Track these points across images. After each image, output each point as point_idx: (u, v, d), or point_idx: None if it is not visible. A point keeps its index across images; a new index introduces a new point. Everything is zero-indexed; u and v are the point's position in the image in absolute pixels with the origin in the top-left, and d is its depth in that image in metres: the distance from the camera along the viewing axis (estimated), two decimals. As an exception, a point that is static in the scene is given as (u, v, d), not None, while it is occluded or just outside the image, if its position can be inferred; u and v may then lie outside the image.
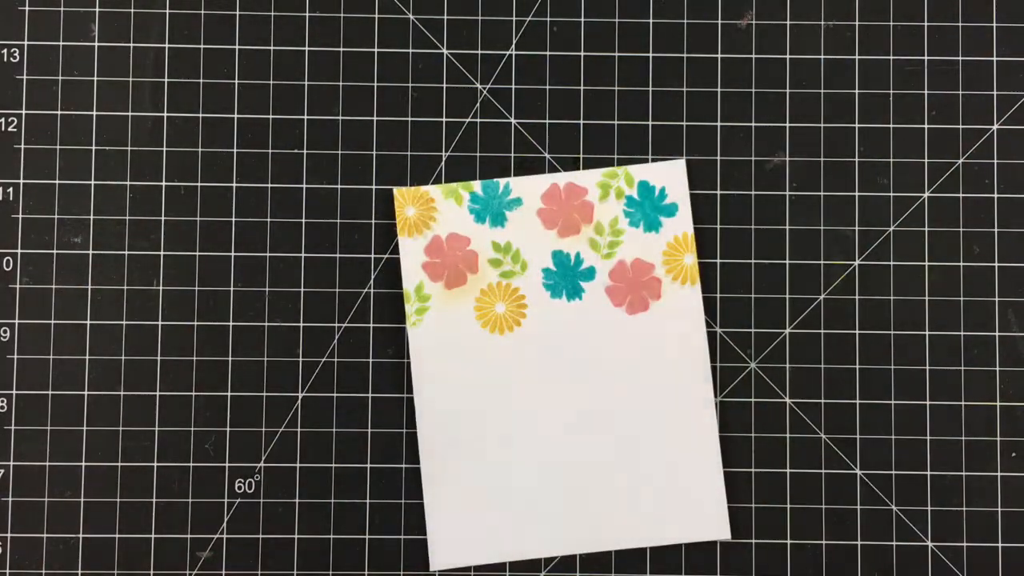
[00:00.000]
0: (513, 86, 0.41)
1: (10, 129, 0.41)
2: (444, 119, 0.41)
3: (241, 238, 0.41)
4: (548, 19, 0.42)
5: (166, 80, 0.41)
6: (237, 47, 0.42)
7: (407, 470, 0.41)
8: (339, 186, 0.41)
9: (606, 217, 0.41)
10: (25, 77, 0.41)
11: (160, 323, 0.41)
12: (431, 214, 0.41)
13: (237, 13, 0.42)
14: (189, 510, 0.40)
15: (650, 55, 0.42)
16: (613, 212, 0.41)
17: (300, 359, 0.41)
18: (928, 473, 0.40)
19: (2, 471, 0.41)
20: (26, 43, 0.42)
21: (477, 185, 0.41)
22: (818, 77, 0.41)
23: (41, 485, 0.41)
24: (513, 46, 0.42)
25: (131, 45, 0.42)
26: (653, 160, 0.41)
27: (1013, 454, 0.40)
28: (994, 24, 0.42)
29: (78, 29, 0.42)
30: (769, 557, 0.40)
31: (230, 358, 0.41)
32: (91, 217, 0.41)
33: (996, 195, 0.41)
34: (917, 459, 0.41)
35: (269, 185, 0.41)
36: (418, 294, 0.41)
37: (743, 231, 0.41)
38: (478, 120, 0.41)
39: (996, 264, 0.41)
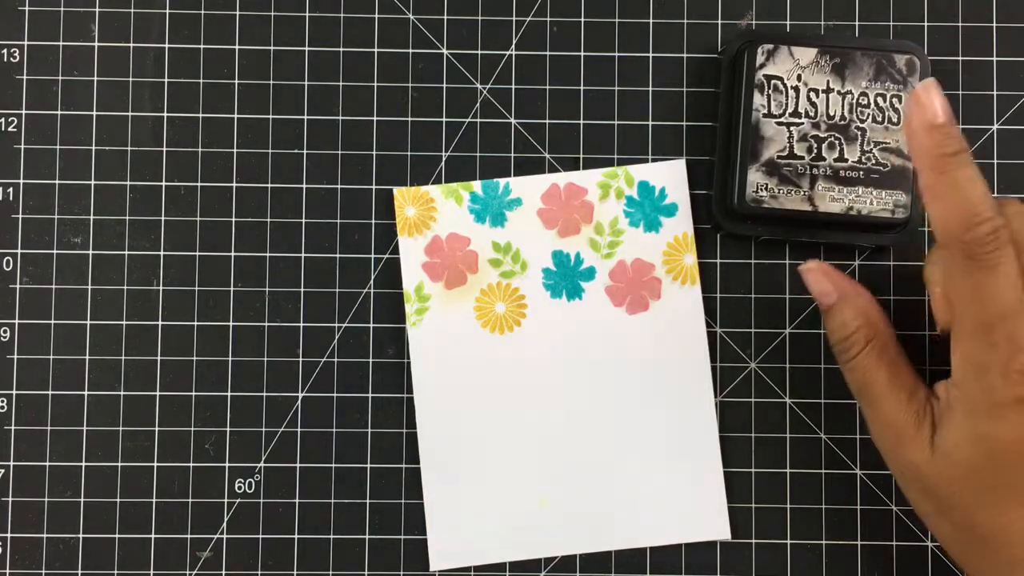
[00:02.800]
0: (513, 86, 0.41)
1: (10, 129, 0.41)
2: (444, 119, 0.41)
3: (241, 238, 0.41)
4: (548, 19, 0.42)
5: (166, 80, 0.41)
6: (237, 47, 0.42)
7: (407, 470, 0.41)
8: (339, 186, 0.41)
9: (606, 217, 0.41)
10: (25, 77, 0.41)
11: (160, 323, 0.41)
12: (431, 214, 0.41)
13: (237, 13, 0.42)
14: (189, 510, 0.40)
15: (650, 55, 0.42)
16: (613, 212, 0.41)
17: (300, 359, 0.41)
18: (928, 473, 0.40)
19: (2, 471, 0.41)
20: (26, 43, 0.42)
21: (477, 185, 0.41)
22: (818, 77, 0.41)
23: (41, 485, 0.41)
24: (513, 46, 0.42)
25: (131, 45, 0.42)
26: (653, 160, 0.41)
27: (1013, 454, 0.40)
28: (994, 24, 0.42)
29: (78, 29, 0.42)
30: (769, 557, 0.40)
31: (230, 358, 0.41)
32: (91, 217, 0.41)
33: (996, 195, 0.41)
34: (917, 459, 0.41)
35: (269, 185, 0.41)
36: (418, 294, 0.41)
37: (743, 231, 0.41)
38: (478, 120, 0.41)
39: (996, 264, 0.41)
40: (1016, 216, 0.34)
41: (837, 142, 0.39)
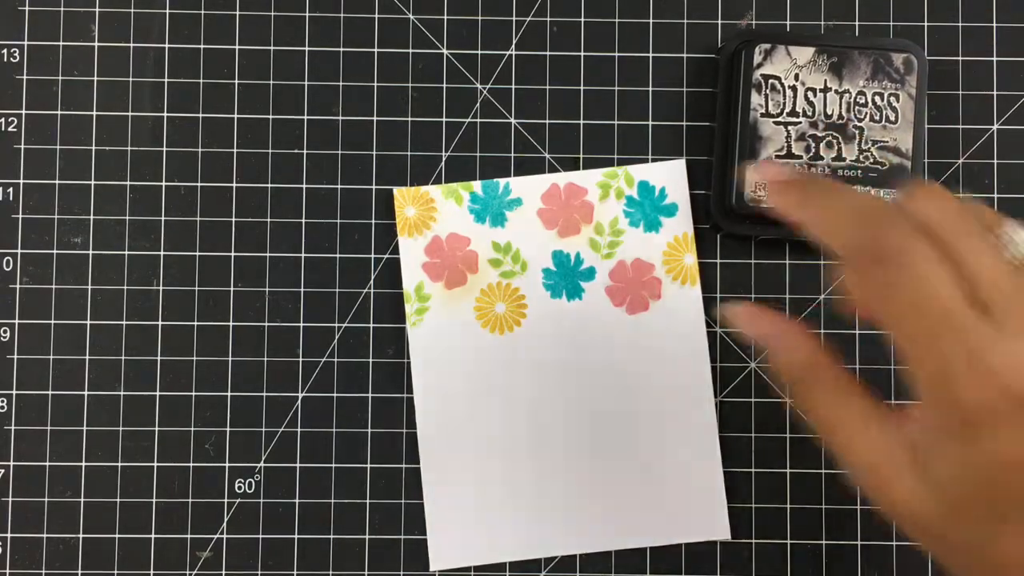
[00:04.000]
0: (513, 86, 0.41)
1: (10, 129, 0.41)
2: (444, 119, 0.41)
3: (241, 238, 0.41)
4: (548, 19, 0.42)
5: (166, 80, 0.41)
6: (237, 47, 0.42)
7: (407, 470, 0.41)
8: (339, 186, 0.41)
9: (606, 217, 0.41)
10: (25, 77, 0.41)
11: (160, 323, 0.41)
12: (431, 214, 0.41)
13: (237, 13, 0.42)
14: (189, 510, 0.40)
15: (650, 55, 0.42)
16: (613, 212, 0.41)
17: (300, 359, 0.41)
18: (928, 473, 0.40)
19: (2, 471, 0.41)
20: (26, 43, 0.42)
21: (477, 185, 0.41)
22: (818, 77, 0.41)
23: (41, 485, 0.41)
24: (513, 46, 0.42)
25: (131, 45, 0.42)
26: (653, 160, 0.41)
27: (1013, 454, 0.40)
28: (994, 24, 0.42)
29: (78, 29, 0.42)
30: (769, 557, 0.40)
31: (230, 358, 0.41)
32: (91, 217, 0.41)
33: (996, 195, 0.41)
34: (917, 459, 0.41)
35: (269, 185, 0.41)
36: (418, 294, 0.41)
37: (743, 231, 0.41)
38: (478, 120, 0.41)
39: (996, 264, 0.41)
40: (924, 201, 0.29)
41: (835, 141, 0.39)
